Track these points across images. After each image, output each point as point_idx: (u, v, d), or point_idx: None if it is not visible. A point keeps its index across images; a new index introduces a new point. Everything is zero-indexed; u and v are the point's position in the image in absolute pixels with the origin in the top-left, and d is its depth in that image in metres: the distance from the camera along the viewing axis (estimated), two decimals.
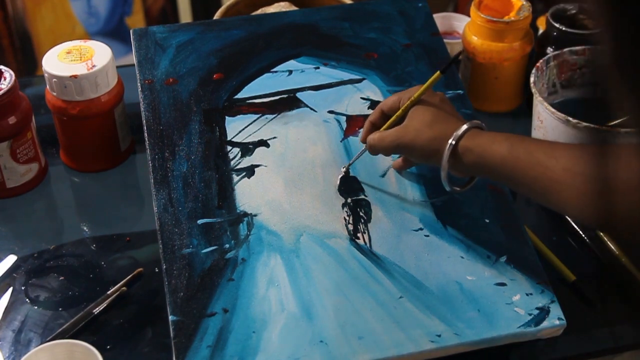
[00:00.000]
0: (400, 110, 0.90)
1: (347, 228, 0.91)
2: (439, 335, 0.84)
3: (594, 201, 0.75)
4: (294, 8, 1.19)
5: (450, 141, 0.84)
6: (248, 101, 1.01)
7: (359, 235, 0.91)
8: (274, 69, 1.04)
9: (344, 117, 1.00)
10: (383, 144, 0.89)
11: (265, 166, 0.95)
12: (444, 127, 0.86)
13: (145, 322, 0.91)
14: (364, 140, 0.94)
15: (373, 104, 1.01)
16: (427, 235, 0.92)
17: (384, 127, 0.91)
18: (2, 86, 1.00)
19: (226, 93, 1.01)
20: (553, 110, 0.99)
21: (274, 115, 1.00)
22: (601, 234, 0.99)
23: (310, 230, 0.91)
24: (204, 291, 0.85)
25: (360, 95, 1.02)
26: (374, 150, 0.91)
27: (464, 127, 0.84)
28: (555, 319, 0.86)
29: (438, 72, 0.90)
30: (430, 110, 0.87)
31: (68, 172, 1.10)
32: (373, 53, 1.06)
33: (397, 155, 0.95)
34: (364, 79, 1.04)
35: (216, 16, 1.17)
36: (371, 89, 1.03)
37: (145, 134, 0.96)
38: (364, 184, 0.95)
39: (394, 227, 0.92)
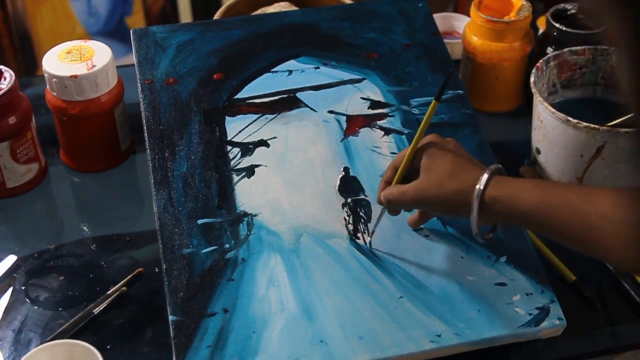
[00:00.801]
0: (409, 151, 0.86)
1: (347, 228, 0.91)
2: (439, 335, 0.84)
3: (636, 248, 0.73)
4: (294, 8, 1.19)
5: (475, 194, 0.80)
6: (248, 101, 1.01)
7: (359, 235, 0.91)
8: (274, 69, 1.04)
9: (344, 117, 1.00)
10: (404, 198, 0.85)
11: (265, 166, 0.95)
12: (466, 177, 0.82)
13: (145, 322, 0.91)
14: (380, 201, 0.89)
15: (373, 104, 1.01)
16: (427, 235, 0.92)
17: (397, 175, 0.87)
18: (2, 86, 1.00)
19: (226, 93, 1.01)
20: (553, 110, 0.99)
21: (274, 115, 1.00)
22: None
23: (310, 230, 0.91)
24: (204, 291, 0.85)
25: (361, 95, 1.02)
26: (393, 206, 0.87)
27: (485, 176, 0.81)
28: (555, 319, 0.86)
29: (434, 101, 0.87)
30: (448, 159, 0.83)
31: (68, 172, 1.10)
32: (373, 53, 1.06)
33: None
34: (364, 79, 1.04)
35: (216, 16, 1.17)
36: (371, 89, 1.03)
37: (145, 134, 0.96)
38: (364, 184, 0.95)
39: (394, 227, 0.92)
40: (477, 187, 0.81)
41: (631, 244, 0.74)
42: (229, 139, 0.97)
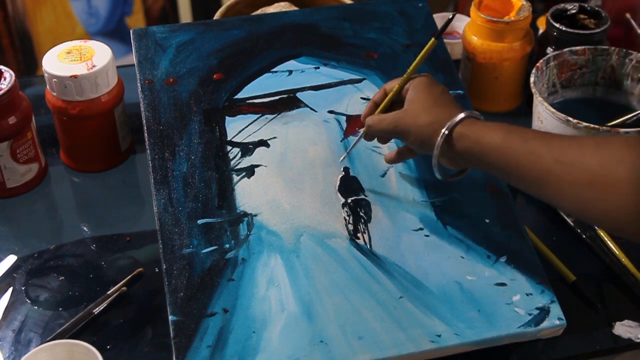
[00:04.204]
0: (397, 86, 0.90)
1: (347, 228, 0.91)
2: (439, 335, 0.84)
3: (581, 192, 0.75)
4: (294, 8, 1.19)
5: (446, 126, 0.83)
6: (248, 101, 1.01)
7: (359, 235, 0.91)
8: (274, 69, 1.04)
9: (344, 117, 1.00)
10: (381, 125, 0.89)
11: (265, 166, 0.95)
12: (441, 113, 0.85)
13: (145, 322, 0.91)
14: (364, 119, 0.93)
15: None
16: (427, 235, 0.92)
17: (382, 105, 0.91)
18: (2, 86, 1.00)
19: (226, 93, 1.01)
20: (553, 110, 0.99)
21: (274, 115, 1.00)
22: (601, 233, 1.00)
23: (310, 230, 0.91)
24: (204, 291, 0.86)
25: (361, 95, 1.02)
26: (371, 131, 0.91)
27: (461, 114, 0.84)
28: (555, 319, 0.86)
29: (433, 40, 0.90)
30: (431, 96, 0.87)
31: (68, 172, 1.10)
32: (373, 53, 1.06)
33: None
34: (364, 79, 1.04)
35: (216, 16, 1.17)
36: (371, 89, 1.03)
37: (145, 134, 0.96)
38: (364, 184, 0.95)
39: (394, 227, 0.92)
40: (451, 120, 0.83)
41: (577, 187, 0.75)
42: (229, 139, 0.97)
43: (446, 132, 0.83)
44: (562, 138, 0.79)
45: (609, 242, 0.99)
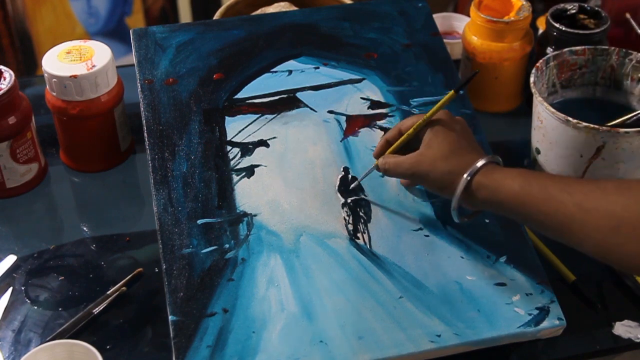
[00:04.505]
0: (411, 129, 0.89)
1: (347, 228, 0.91)
2: (439, 335, 0.84)
3: (606, 236, 0.74)
4: (294, 8, 1.19)
5: (465, 177, 0.83)
6: (248, 101, 1.01)
7: (359, 235, 0.91)
8: (274, 69, 1.04)
9: (344, 117, 1.00)
10: (398, 170, 0.89)
11: (265, 166, 0.95)
12: (460, 161, 0.84)
13: (145, 322, 0.91)
14: (377, 156, 0.93)
15: (373, 104, 1.01)
16: (427, 235, 0.92)
17: (395, 145, 0.90)
18: (2, 86, 1.00)
19: (226, 93, 1.01)
20: (553, 110, 0.99)
21: (273, 115, 1.00)
22: None
23: (310, 230, 0.91)
24: (203, 291, 0.86)
25: (360, 95, 1.02)
26: (387, 174, 0.91)
27: (480, 162, 0.83)
28: (555, 319, 0.86)
29: (452, 92, 0.89)
30: (449, 139, 0.86)
31: (68, 172, 1.10)
32: (373, 53, 1.06)
33: None
34: (364, 79, 1.04)
35: (216, 16, 1.17)
36: (371, 89, 1.03)
37: (145, 134, 0.96)
38: (363, 184, 0.95)
39: (394, 227, 0.92)
40: (466, 173, 0.83)
41: (601, 232, 0.75)
42: (228, 139, 0.97)
43: (465, 182, 0.83)
44: (581, 183, 0.79)
45: None
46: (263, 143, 0.98)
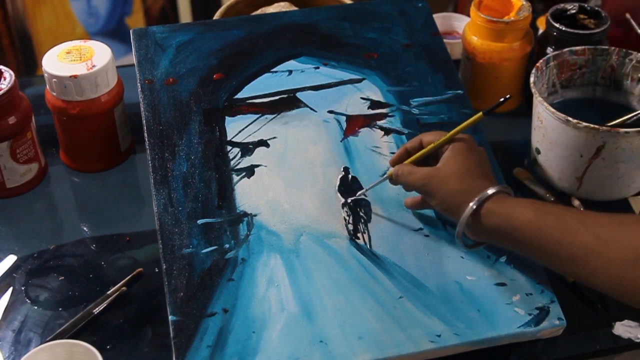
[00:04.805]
0: (433, 144, 0.88)
1: (347, 228, 0.91)
2: (439, 335, 0.84)
3: (624, 269, 0.74)
4: (294, 8, 1.19)
5: (475, 200, 0.82)
6: (248, 101, 1.01)
7: (359, 235, 0.91)
8: (274, 69, 1.04)
9: (344, 117, 1.00)
10: (410, 178, 0.87)
11: (265, 166, 0.95)
12: (473, 184, 0.83)
13: (145, 322, 0.91)
14: (393, 164, 0.92)
15: (373, 104, 1.01)
16: (427, 235, 0.92)
17: (415, 156, 0.89)
18: (2, 86, 1.00)
19: (226, 93, 1.01)
20: (553, 110, 0.99)
21: (274, 115, 1.00)
22: None
23: (310, 230, 0.91)
24: (204, 291, 0.86)
25: (360, 95, 1.02)
26: (398, 180, 0.89)
27: (492, 190, 0.82)
28: (555, 319, 0.86)
29: (480, 113, 0.89)
30: (467, 163, 0.85)
31: (68, 172, 1.10)
32: (373, 53, 1.06)
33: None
34: (364, 79, 1.04)
35: (216, 16, 1.17)
36: (371, 89, 1.03)
37: (145, 134, 0.96)
38: (364, 184, 0.95)
39: (394, 227, 0.92)
40: (481, 194, 0.82)
41: (618, 266, 0.74)
42: (229, 139, 0.97)
43: (474, 206, 0.82)
44: (598, 215, 0.78)
45: None
46: (263, 143, 0.98)
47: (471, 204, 0.82)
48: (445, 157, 0.87)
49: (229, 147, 0.97)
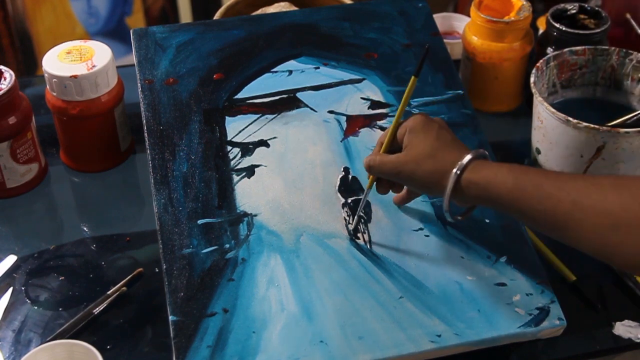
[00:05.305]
0: (391, 127, 0.87)
1: (347, 228, 0.91)
2: (439, 335, 0.84)
3: (604, 235, 0.73)
4: (294, 8, 1.19)
5: (453, 172, 0.81)
6: (248, 101, 1.01)
7: (359, 235, 0.91)
8: (274, 69, 1.04)
9: (344, 117, 1.00)
10: (383, 168, 0.86)
11: (265, 166, 0.95)
12: (444, 159, 0.82)
13: (145, 322, 0.91)
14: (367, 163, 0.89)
15: (373, 104, 1.01)
16: (427, 235, 0.92)
17: (384, 144, 0.88)
18: (2, 86, 1.00)
19: (226, 93, 1.01)
20: (553, 110, 0.99)
21: (274, 115, 1.00)
22: None
23: (310, 230, 0.91)
24: (204, 291, 0.86)
25: (360, 95, 1.02)
26: (372, 172, 0.88)
27: (467, 157, 0.81)
28: (555, 319, 0.86)
29: (413, 78, 0.87)
30: (430, 138, 0.84)
31: (68, 172, 1.10)
32: (373, 53, 1.06)
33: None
34: (364, 79, 1.04)
35: (216, 16, 1.17)
36: (371, 89, 1.03)
37: (145, 134, 0.96)
38: (363, 184, 0.95)
39: (394, 227, 0.92)
40: (454, 170, 0.81)
41: (599, 230, 0.74)
42: (229, 139, 0.97)
43: (453, 180, 0.81)
44: (576, 179, 0.78)
45: None
46: (263, 143, 0.98)
47: (450, 180, 0.81)
48: (407, 141, 0.85)
49: (229, 147, 0.97)
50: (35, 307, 0.93)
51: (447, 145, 0.84)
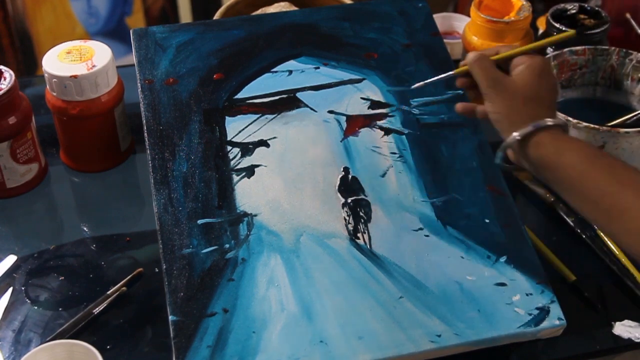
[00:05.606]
0: (516, 50, 0.85)
1: (347, 228, 0.91)
2: (439, 335, 0.84)
3: None
4: (294, 8, 1.19)
5: (531, 125, 0.80)
6: (248, 101, 1.01)
7: (359, 235, 0.91)
8: (274, 69, 1.04)
9: (344, 117, 1.00)
10: (484, 69, 0.84)
11: (265, 166, 0.95)
12: (536, 110, 0.81)
13: (145, 322, 0.91)
14: (466, 62, 0.87)
15: (373, 104, 1.01)
16: (427, 235, 0.92)
17: (504, 53, 0.86)
18: (2, 86, 1.00)
19: (226, 93, 1.01)
20: None
21: (274, 115, 1.00)
22: (601, 233, 0.99)
23: (310, 230, 0.91)
24: (204, 291, 0.86)
25: (360, 95, 1.02)
26: (470, 67, 0.86)
27: (551, 121, 0.80)
28: (555, 319, 0.86)
29: (573, 31, 0.89)
30: (538, 86, 0.82)
31: (68, 172, 1.10)
32: (373, 53, 1.06)
33: None
34: (364, 79, 1.04)
35: (216, 16, 1.17)
36: (371, 89, 1.03)
37: (145, 134, 0.96)
38: (363, 184, 0.95)
39: (394, 227, 0.92)
40: (536, 123, 0.80)
41: None
42: (229, 139, 0.97)
43: (529, 130, 0.80)
44: None
45: (609, 242, 0.99)
46: (263, 143, 0.98)
47: (528, 128, 0.80)
48: (520, 71, 0.84)
49: (229, 147, 0.97)
50: (35, 307, 0.93)
51: (546, 102, 0.83)
